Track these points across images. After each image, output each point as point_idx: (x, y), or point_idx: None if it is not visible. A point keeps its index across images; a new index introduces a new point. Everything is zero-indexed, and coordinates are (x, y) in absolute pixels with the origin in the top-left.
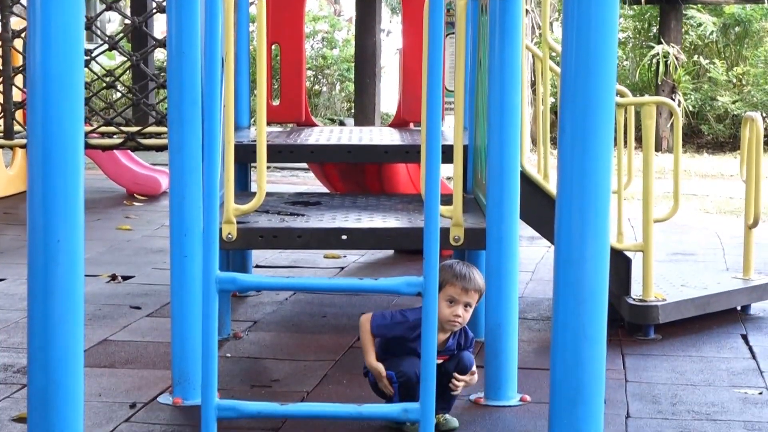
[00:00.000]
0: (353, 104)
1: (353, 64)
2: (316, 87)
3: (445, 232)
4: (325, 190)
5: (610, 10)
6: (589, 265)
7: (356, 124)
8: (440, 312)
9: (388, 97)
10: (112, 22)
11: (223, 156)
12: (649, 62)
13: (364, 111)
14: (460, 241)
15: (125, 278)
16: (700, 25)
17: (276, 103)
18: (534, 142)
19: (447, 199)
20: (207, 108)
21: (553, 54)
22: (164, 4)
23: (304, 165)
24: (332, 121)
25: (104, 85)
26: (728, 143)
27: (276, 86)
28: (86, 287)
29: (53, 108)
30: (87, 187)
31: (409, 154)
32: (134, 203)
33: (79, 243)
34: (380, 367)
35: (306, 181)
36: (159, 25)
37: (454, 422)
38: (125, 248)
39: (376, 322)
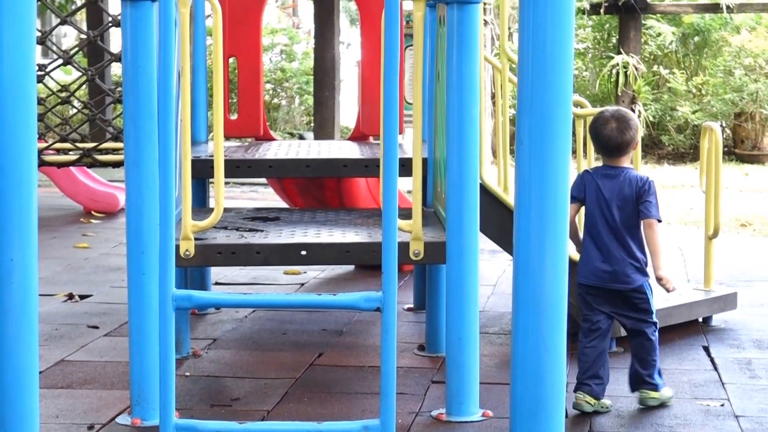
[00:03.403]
0: (312, 118)
1: (312, 77)
2: (276, 100)
3: (404, 246)
4: (284, 205)
5: (566, 21)
6: (548, 277)
7: (316, 137)
8: None
9: (348, 109)
10: (68, 37)
11: (181, 172)
12: (609, 73)
13: (323, 125)
14: (420, 255)
15: (82, 297)
16: (659, 35)
17: (234, 117)
18: (494, 154)
19: (406, 213)
20: (162, 123)
21: (513, 65)
22: (120, 17)
23: (263, 180)
24: (292, 135)
25: (59, 100)
26: (689, 153)
27: (234, 100)
28: (43, 307)
29: (5, 125)
30: (43, 204)
31: (368, 168)
32: (92, 221)
33: (32, 262)
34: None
35: (265, 196)
36: (115, 39)
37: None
38: (83, 266)
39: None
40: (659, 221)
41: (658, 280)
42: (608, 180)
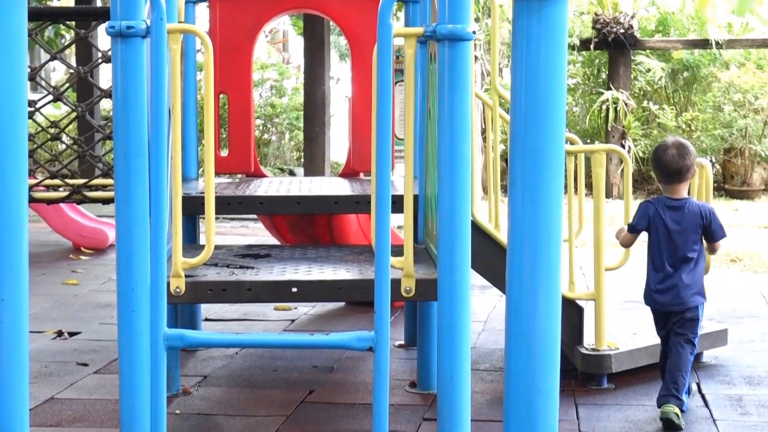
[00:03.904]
0: (303, 153)
1: (302, 113)
2: (266, 136)
3: (396, 284)
4: (274, 241)
5: (558, 61)
6: (540, 316)
7: (306, 173)
8: None
9: (338, 143)
10: (57, 71)
11: (171, 208)
12: (598, 108)
13: (313, 160)
14: (412, 293)
15: (72, 334)
16: (649, 70)
17: (224, 153)
18: (485, 189)
19: (398, 250)
20: (154, 159)
21: (503, 101)
22: (110, 53)
23: (254, 215)
24: (282, 170)
25: (49, 136)
26: None
27: (224, 136)
28: (32, 344)
29: None
30: (32, 240)
31: (359, 204)
32: (81, 257)
33: (23, 301)
34: None
35: (255, 232)
36: (105, 74)
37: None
38: (72, 303)
39: None
40: (724, 236)
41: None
42: (673, 211)
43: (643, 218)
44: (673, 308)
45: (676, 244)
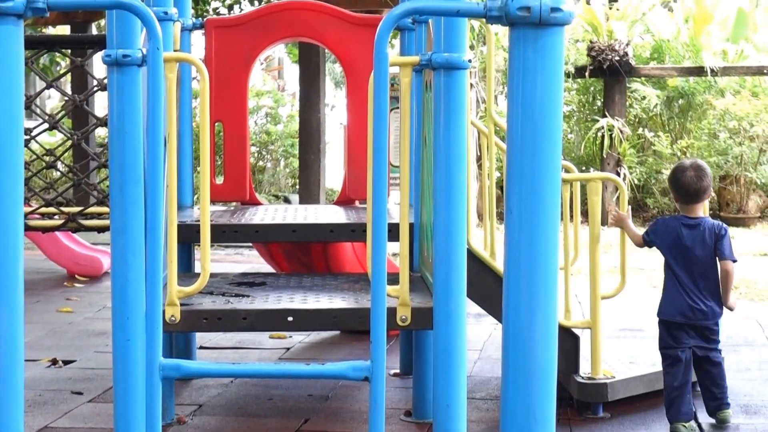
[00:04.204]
0: (298, 180)
1: (297, 140)
2: (261, 163)
3: (391, 312)
4: (270, 269)
5: (555, 87)
6: (537, 345)
7: (301, 200)
8: None
9: (333, 171)
10: (52, 98)
11: (166, 236)
12: (594, 135)
13: (308, 188)
14: (407, 321)
15: (66, 362)
16: (644, 98)
17: (220, 181)
18: (480, 217)
19: (393, 278)
20: (150, 188)
21: (498, 129)
22: (106, 81)
23: (249, 242)
24: (277, 197)
25: (44, 164)
26: None
27: (219, 163)
28: (26, 372)
29: None
30: (26, 268)
31: (355, 232)
32: (75, 284)
33: (18, 330)
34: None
35: (250, 259)
36: (100, 102)
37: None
38: (66, 331)
39: None
40: (734, 261)
41: (728, 308)
42: (689, 230)
43: (656, 234)
44: (700, 322)
45: (695, 260)
